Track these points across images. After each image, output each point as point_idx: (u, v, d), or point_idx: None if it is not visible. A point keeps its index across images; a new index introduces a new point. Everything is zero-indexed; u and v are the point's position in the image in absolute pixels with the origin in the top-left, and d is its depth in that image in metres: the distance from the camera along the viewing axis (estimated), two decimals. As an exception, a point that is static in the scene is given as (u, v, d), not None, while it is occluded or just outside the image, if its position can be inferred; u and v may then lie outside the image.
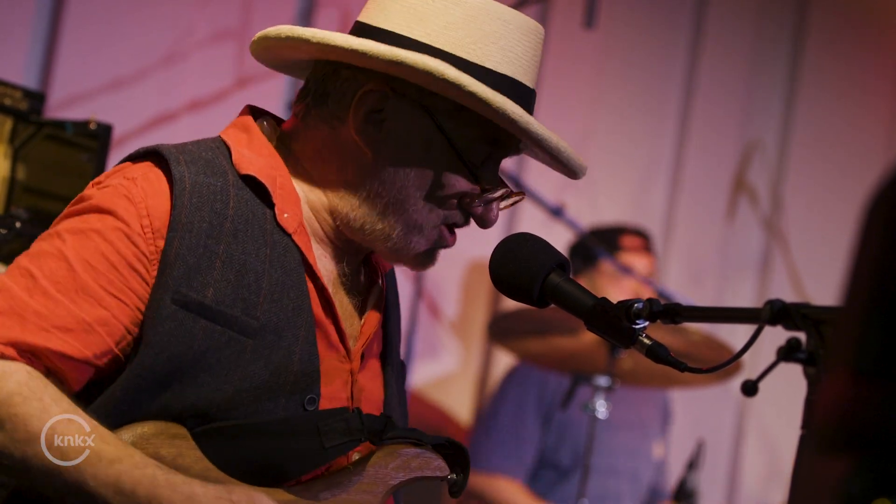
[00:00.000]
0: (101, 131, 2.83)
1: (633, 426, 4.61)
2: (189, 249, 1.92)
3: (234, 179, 1.99)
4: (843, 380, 1.18)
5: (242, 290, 1.94)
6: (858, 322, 1.18)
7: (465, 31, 1.99)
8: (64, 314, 1.88)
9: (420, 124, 2.01)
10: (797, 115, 5.99)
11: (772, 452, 5.82)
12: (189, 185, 1.94)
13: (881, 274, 1.18)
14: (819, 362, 1.74)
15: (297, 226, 2.01)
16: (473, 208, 2.05)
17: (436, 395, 4.92)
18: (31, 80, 3.74)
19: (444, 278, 4.85)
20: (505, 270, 2.03)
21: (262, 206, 1.99)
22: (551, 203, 4.35)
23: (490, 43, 1.99)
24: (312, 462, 1.96)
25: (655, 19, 5.56)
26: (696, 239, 5.69)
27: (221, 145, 2.04)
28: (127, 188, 1.93)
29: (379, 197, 2.02)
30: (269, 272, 1.96)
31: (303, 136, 2.07)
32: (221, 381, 1.92)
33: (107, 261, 1.90)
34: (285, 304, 1.97)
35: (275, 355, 1.95)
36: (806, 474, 1.53)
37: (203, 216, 1.93)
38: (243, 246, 1.96)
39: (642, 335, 1.94)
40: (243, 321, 1.93)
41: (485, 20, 2.00)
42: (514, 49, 2.01)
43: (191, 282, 1.91)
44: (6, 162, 2.81)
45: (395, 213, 2.02)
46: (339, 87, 2.04)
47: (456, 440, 2.10)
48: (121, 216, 1.92)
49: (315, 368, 1.99)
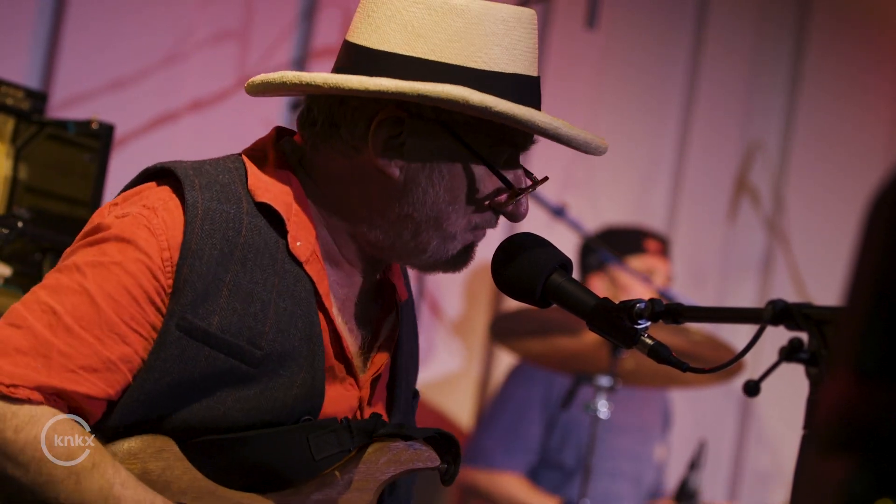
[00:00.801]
0: (103, 131, 2.83)
1: (635, 429, 4.61)
2: (199, 276, 1.89)
3: (248, 206, 1.95)
4: (845, 380, 1.18)
5: (248, 319, 1.91)
6: (861, 322, 1.18)
7: (468, 41, 1.95)
8: (89, 353, 1.86)
9: (441, 140, 1.97)
10: (799, 116, 5.99)
11: (774, 453, 5.82)
12: (202, 211, 1.91)
13: (883, 274, 1.18)
14: (821, 362, 1.74)
15: (309, 254, 1.98)
16: (505, 208, 2.03)
17: (437, 395, 4.92)
18: (33, 80, 3.74)
19: (446, 278, 4.85)
20: (507, 270, 2.02)
21: (274, 234, 1.96)
22: (553, 203, 4.35)
23: (494, 46, 1.95)
24: (303, 473, 1.96)
25: (657, 20, 5.56)
26: (697, 239, 5.69)
27: (240, 167, 2.00)
28: (148, 219, 1.90)
29: (410, 218, 1.99)
30: (276, 302, 1.94)
31: (316, 163, 2.02)
32: (215, 402, 1.92)
33: (129, 294, 1.88)
34: (292, 335, 1.94)
35: (273, 382, 1.93)
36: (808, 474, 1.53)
37: (214, 243, 1.90)
38: (251, 275, 1.93)
39: (644, 335, 1.94)
40: (247, 350, 1.91)
41: (485, 25, 1.96)
42: (517, 46, 1.98)
43: (196, 309, 1.89)
44: (8, 162, 2.81)
45: (429, 229, 1.99)
46: (349, 118, 1.98)
47: (446, 431, 2.09)
48: (142, 248, 1.88)
49: (318, 395, 1.97)
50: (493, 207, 2.03)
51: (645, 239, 4.60)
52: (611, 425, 4.15)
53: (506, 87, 1.95)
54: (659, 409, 4.72)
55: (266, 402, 1.93)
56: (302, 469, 1.95)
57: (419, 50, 1.94)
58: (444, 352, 4.94)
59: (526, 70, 1.99)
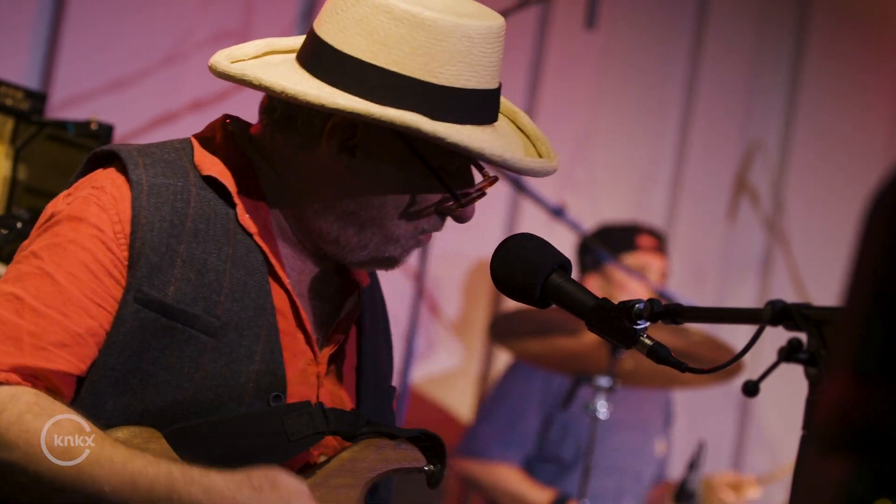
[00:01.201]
0: (103, 132, 2.83)
1: (636, 426, 4.61)
2: (151, 248, 1.93)
3: (195, 180, 2.00)
4: (844, 380, 1.18)
5: (203, 289, 1.95)
6: (860, 322, 1.18)
7: (430, 56, 1.96)
8: (58, 329, 1.89)
9: (393, 147, 2.00)
10: (799, 116, 5.99)
11: (773, 453, 5.82)
12: (147, 186, 1.95)
13: (883, 274, 1.18)
14: (820, 363, 1.74)
15: (260, 227, 2.02)
16: (451, 213, 2.06)
17: (436, 396, 4.92)
18: (32, 81, 3.74)
19: (445, 278, 4.85)
20: (506, 271, 2.03)
21: (224, 206, 2.00)
22: (552, 203, 4.35)
23: (457, 62, 1.97)
24: (279, 455, 1.97)
25: (657, 20, 5.56)
26: (697, 239, 5.69)
27: (187, 146, 2.05)
28: (97, 196, 1.95)
29: (356, 216, 2.02)
30: (230, 271, 1.97)
31: (273, 147, 2.06)
32: (181, 379, 1.94)
33: (87, 269, 1.92)
34: (246, 304, 1.98)
35: (235, 354, 1.96)
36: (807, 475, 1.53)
37: (163, 215, 1.95)
38: (204, 245, 1.97)
39: (643, 336, 1.94)
40: (204, 319, 1.94)
41: (450, 41, 1.96)
42: (481, 61, 1.99)
43: (152, 280, 1.93)
44: (7, 162, 2.81)
45: (373, 228, 2.03)
46: (306, 114, 2.01)
47: (431, 432, 2.11)
48: (94, 223, 1.93)
49: (279, 367, 1.99)
50: (439, 212, 2.06)
51: (638, 235, 4.59)
52: (611, 421, 4.15)
53: (464, 103, 1.98)
54: (660, 405, 4.73)
55: (231, 375, 1.95)
56: (277, 452, 1.97)
57: (382, 59, 1.96)
58: (444, 352, 4.94)
59: (486, 84, 2.01)
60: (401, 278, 4.45)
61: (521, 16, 4.49)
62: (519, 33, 4.93)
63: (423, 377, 4.86)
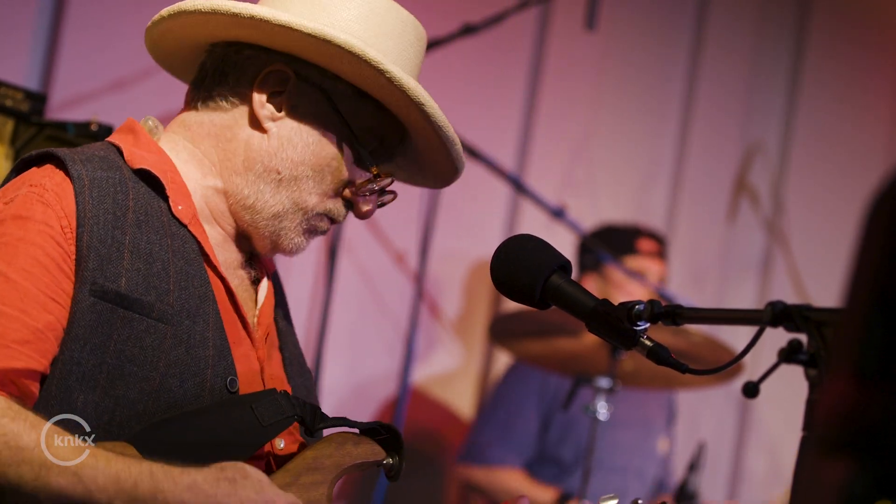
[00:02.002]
0: (103, 132, 2.83)
1: (637, 424, 4.61)
2: (99, 240, 1.96)
3: (129, 174, 2.04)
4: (844, 381, 1.18)
5: (153, 279, 1.99)
6: (860, 324, 1.18)
7: (366, 26, 2.09)
8: (18, 326, 1.90)
9: (319, 107, 2.10)
10: (798, 116, 5.99)
11: (773, 454, 5.82)
12: (88, 180, 1.99)
13: (883, 275, 1.18)
14: (820, 364, 1.74)
15: (191, 217, 2.07)
16: (357, 196, 2.13)
17: (436, 396, 4.92)
18: (32, 82, 3.74)
19: (445, 279, 4.85)
20: (506, 272, 2.03)
21: (157, 199, 2.05)
22: (552, 204, 4.35)
23: (388, 40, 2.09)
24: (253, 440, 2.00)
25: (656, 21, 5.56)
26: (697, 240, 5.69)
27: (110, 146, 2.09)
28: (39, 193, 1.96)
29: (275, 172, 2.10)
30: (173, 261, 2.02)
31: (196, 121, 2.14)
32: (147, 369, 1.96)
33: (40, 264, 1.93)
34: (191, 293, 2.02)
35: (192, 340, 2.00)
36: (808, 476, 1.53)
37: (107, 207, 1.98)
38: (147, 236, 2.00)
39: (643, 337, 1.95)
40: (158, 308, 1.98)
41: (385, 17, 2.10)
42: (408, 50, 2.12)
43: (104, 272, 1.95)
44: (7, 163, 2.81)
45: (287, 189, 2.10)
46: (240, 66, 2.12)
47: (388, 424, 2.13)
48: (40, 219, 1.94)
49: (228, 353, 2.03)
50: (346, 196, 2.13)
51: (638, 239, 4.59)
52: (612, 419, 4.15)
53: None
54: (663, 403, 4.73)
55: (192, 361, 1.99)
56: (251, 437, 2.00)
57: (320, 21, 2.07)
58: (444, 352, 4.94)
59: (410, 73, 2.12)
60: (400, 279, 4.45)
61: (522, 17, 4.49)
62: (519, 34, 4.93)
63: (424, 378, 4.86)
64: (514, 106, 4.98)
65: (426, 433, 4.83)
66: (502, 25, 4.20)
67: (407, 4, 2.17)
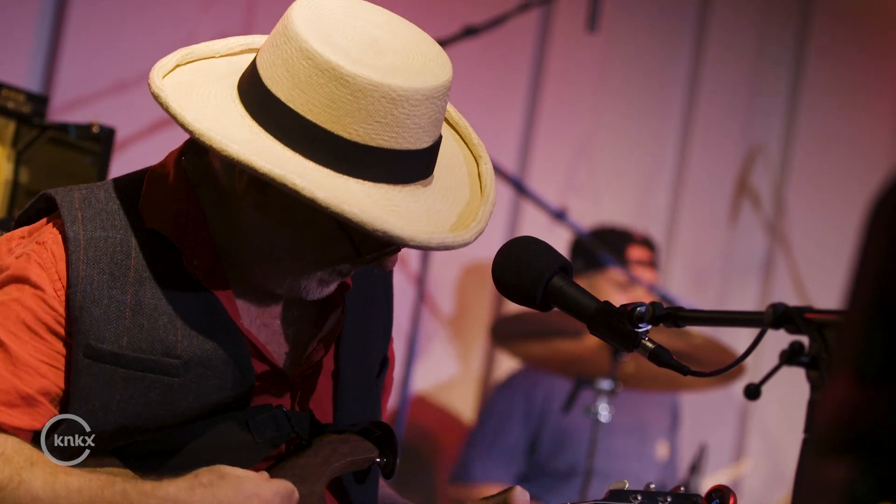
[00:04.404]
0: (104, 134, 2.83)
1: (636, 430, 4.60)
2: (93, 301, 1.94)
3: (138, 229, 2.00)
4: (846, 384, 1.18)
5: (158, 332, 1.96)
6: (862, 326, 1.18)
7: (345, 111, 1.90)
8: (8, 388, 1.91)
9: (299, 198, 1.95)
10: (800, 119, 5.99)
11: (774, 456, 5.82)
12: (84, 241, 1.96)
13: (884, 278, 1.18)
14: (822, 366, 1.74)
15: (207, 273, 2.00)
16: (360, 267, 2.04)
17: (437, 398, 4.92)
18: (34, 84, 3.74)
19: (447, 281, 4.85)
20: (508, 274, 2.03)
21: (170, 252, 2.00)
22: (553, 206, 4.35)
23: (374, 122, 1.91)
24: (247, 457, 1.98)
25: (658, 23, 5.56)
26: (698, 242, 5.69)
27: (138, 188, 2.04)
28: (38, 254, 1.96)
29: (268, 253, 2.01)
30: (182, 310, 1.98)
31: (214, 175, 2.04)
32: (150, 421, 1.96)
33: (28, 329, 1.94)
34: (209, 336, 1.98)
35: (204, 387, 1.97)
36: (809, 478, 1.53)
37: (102, 268, 1.96)
38: (152, 291, 1.97)
39: (645, 339, 1.94)
40: (163, 363, 1.96)
41: (369, 100, 1.90)
42: (404, 122, 1.93)
43: (101, 333, 1.94)
44: (9, 165, 2.81)
45: (285, 265, 2.02)
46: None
47: (382, 422, 2.11)
48: (35, 283, 1.95)
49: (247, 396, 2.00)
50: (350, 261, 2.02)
51: (629, 247, 4.55)
52: (612, 426, 4.15)
53: (374, 161, 1.93)
54: (666, 408, 4.72)
55: (202, 407, 1.97)
56: (245, 454, 1.98)
57: (298, 104, 1.92)
58: (445, 354, 4.94)
59: (408, 144, 1.94)
60: (402, 281, 4.44)
61: (523, 19, 4.49)
62: (521, 36, 4.93)
63: (425, 379, 4.86)
64: (516, 108, 4.98)
65: (427, 435, 4.83)
66: (504, 27, 4.20)
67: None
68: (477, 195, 2.08)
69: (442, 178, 2.04)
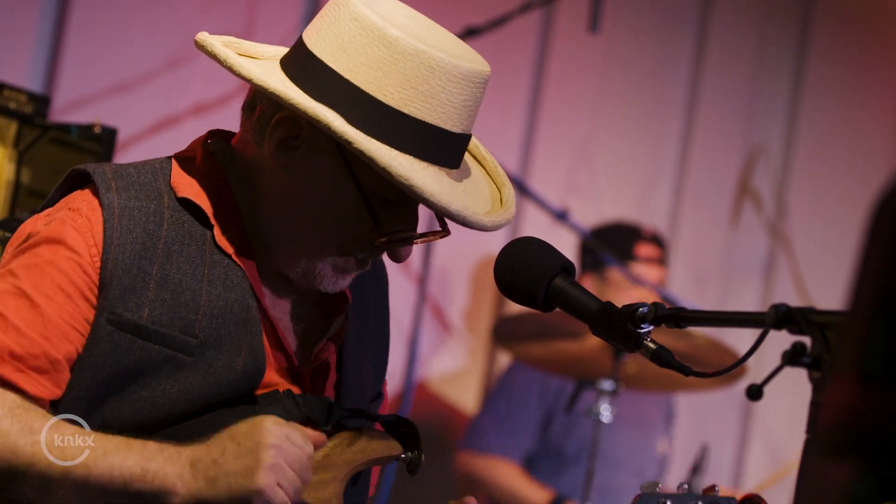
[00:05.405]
0: (106, 135, 2.83)
1: (638, 425, 4.61)
2: (123, 271, 1.94)
3: (169, 202, 2.00)
4: (848, 384, 1.18)
5: (179, 309, 1.96)
6: (864, 327, 1.18)
7: (384, 73, 1.94)
8: (39, 353, 1.91)
9: (331, 160, 1.99)
10: (801, 120, 5.99)
11: (776, 457, 5.82)
12: (118, 209, 1.96)
13: (886, 278, 1.18)
14: (824, 367, 1.74)
15: (237, 246, 2.01)
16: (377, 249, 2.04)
17: (439, 398, 4.92)
18: (35, 84, 3.74)
19: (448, 281, 4.85)
20: (509, 274, 2.03)
21: (200, 227, 2.01)
22: (555, 207, 4.35)
23: (410, 88, 1.95)
24: None
25: (660, 24, 5.56)
26: (700, 243, 5.69)
27: (166, 166, 2.05)
28: (73, 219, 1.96)
29: (288, 224, 2.02)
30: (206, 290, 1.98)
31: (242, 153, 2.06)
32: (158, 396, 1.96)
33: (63, 292, 1.93)
34: (228, 319, 1.98)
35: (214, 369, 1.97)
36: (811, 479, 1.53)
37: (135, 237, 1.96)
38: (178, 266, 1.97)
39: (647, 339, 1.94)
40: (181, 340, 1.96)
41: (409, 65, 1.94)
42: (439, 95, 1.96)
43: (126, 302, 1.94)
44: (11, 165, 2.82)
45: (302, 242, 2.02)
46: (263, 104, 2.03)
47: (404, 417, 2.11)
48: (71, 246, 1.94)
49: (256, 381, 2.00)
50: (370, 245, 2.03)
51: (637, 244, 4.56)
52: (615, 419, 4.15)
53: (408, 130, 1.95)
54: (661, 406, 4.72)
55: (210, 388, 1.97)
56: None
57: (339, 64, 1.96)
58: (447, 354, 4.94)
59: (445, 123, 1.97)
60: (401, 280, 4.44)
61: (524, 19, 4.49)
62: (522, 37, 4.93)
63: (426, 379, 4.86)
64: (517, 108, 4.98)
65: (428, 436, 4.83)
66: (505, 28, 4.20)
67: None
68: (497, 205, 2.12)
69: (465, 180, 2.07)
